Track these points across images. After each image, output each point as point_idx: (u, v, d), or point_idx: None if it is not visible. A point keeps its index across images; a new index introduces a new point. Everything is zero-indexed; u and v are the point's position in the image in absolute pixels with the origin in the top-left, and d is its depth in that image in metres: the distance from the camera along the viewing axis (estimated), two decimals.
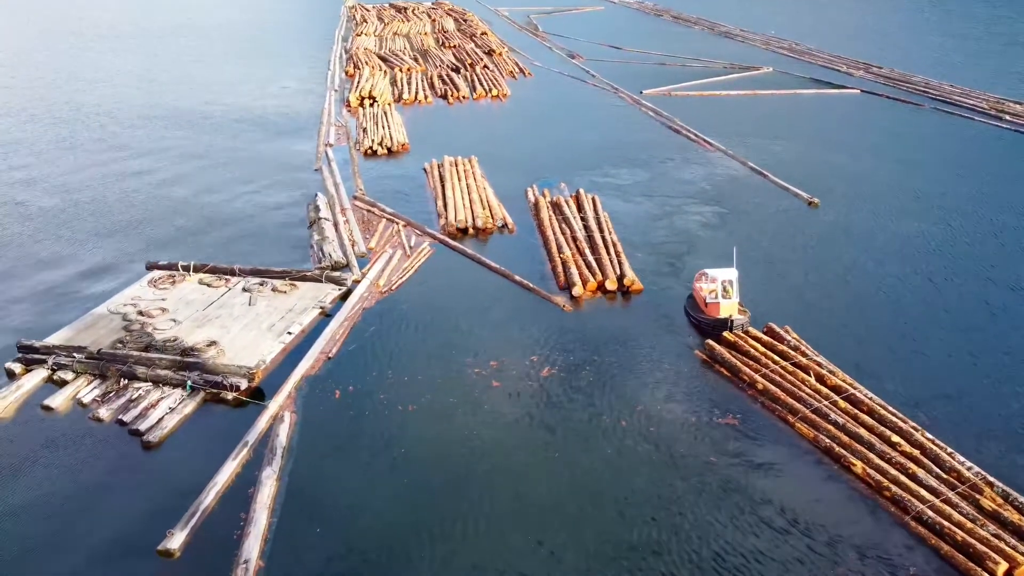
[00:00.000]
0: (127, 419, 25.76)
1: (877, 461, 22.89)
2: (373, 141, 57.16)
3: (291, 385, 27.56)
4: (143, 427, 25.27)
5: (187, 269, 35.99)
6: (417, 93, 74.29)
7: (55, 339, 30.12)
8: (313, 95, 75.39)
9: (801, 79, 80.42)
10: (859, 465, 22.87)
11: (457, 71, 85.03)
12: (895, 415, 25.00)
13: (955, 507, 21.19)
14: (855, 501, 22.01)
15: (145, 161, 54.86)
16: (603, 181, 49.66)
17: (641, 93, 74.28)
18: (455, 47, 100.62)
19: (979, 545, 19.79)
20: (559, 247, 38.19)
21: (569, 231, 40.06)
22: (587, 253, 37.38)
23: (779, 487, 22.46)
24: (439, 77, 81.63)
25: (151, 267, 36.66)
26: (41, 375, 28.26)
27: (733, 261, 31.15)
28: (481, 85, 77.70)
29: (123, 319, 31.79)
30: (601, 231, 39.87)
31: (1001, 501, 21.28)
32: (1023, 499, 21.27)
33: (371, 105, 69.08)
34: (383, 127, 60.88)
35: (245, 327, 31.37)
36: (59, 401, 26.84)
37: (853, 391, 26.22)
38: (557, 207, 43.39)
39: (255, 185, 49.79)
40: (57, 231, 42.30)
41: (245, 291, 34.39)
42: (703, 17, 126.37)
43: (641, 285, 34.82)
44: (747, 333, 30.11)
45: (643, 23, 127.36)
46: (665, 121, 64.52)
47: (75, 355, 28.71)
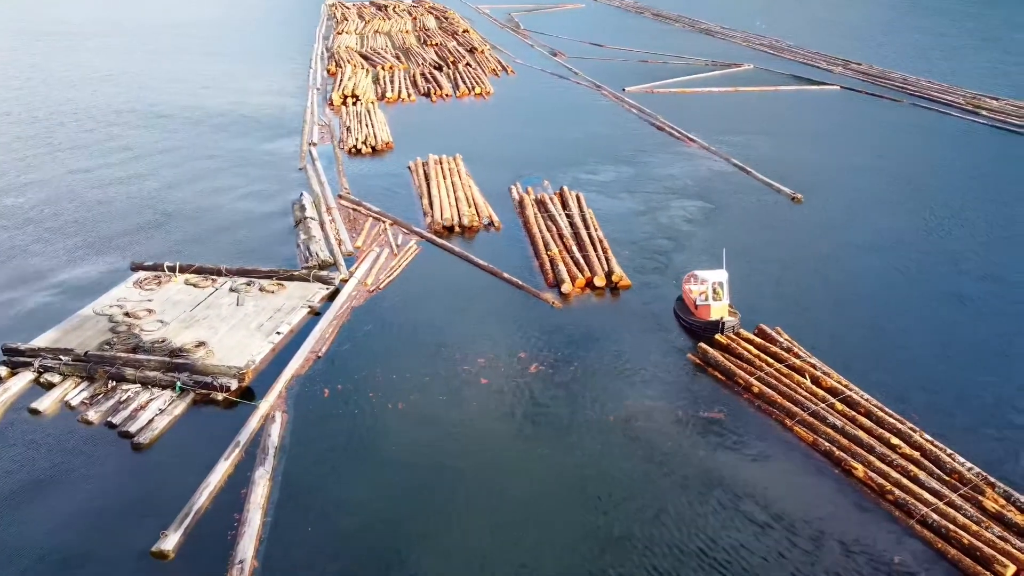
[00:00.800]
0: (116, 421, 25.60)
1: (878, 464, 22.73)
2: (357, 140, 57.03)
3: (281, 385, 27.51)
4: (133, 429, 25.13)
5: (173, 269, 35.77)
6: (400, 91, 74.16)
7: (41, 341, 29.85)
8: (295, 94, 75.04)
9: (781, 76, 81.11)
10: (860, 469, 22.63)
11: (440, 69, 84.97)
12: (892, 416, 24.85)
13: (959, 509, 21.06)
14: (858, 505, 21.80)
15: (125, 161, 54.34)
16: (587, 178, 49.88)
17: (623, 90, 74.61)
18: (437, 45, 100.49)
19: (986, 548, 19.68)
20: (546, 244, 38.33)
21: (555, 228, 40.22)
22: (574, 250, 37.57)
23: (781, 492, 22.23)
24: (422, 75, 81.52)
25: (136, 268, 36.40)
26: (27, 378, 28.00)
27: (723, 262, 31.14)
28: (464, 83, 77.70)
29: (109, 320, 31.57)
30: (587, 228, 40.07)
31: (1003, 502, 21.18)
32: None
33: (354, 103, 68.89)
34: (367, 125, 60.74)
35: (233, 327, 31.26)
36: (47, 404, 26.61)
37: (849, 393, 26.05)
38: (542, 204, 43.53)
39: (239, 184, 49.53)
40: (38, 233, 41.86)
41: (232, 291, 34.24)
42: (683, 15, 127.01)
43: (629, 281, 35.06)
44: (738, 335, 29.94)
45: (624, 21, 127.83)
46: (648, 118, 64.87)
47: (62, 357, 28.48)
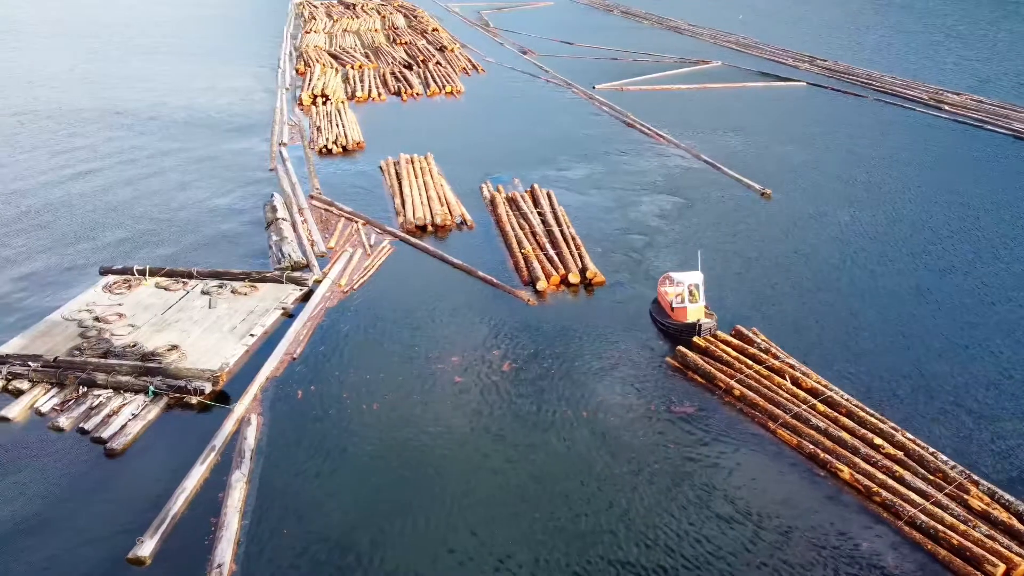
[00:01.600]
0: (88, 427, 25.27)
1: (863, 465, 22.72)
2: (328, 139, 56.72)
3: (256, 387, 27.35)
4: (106, 434, 24.83)
5: (143, 273, 35.35)
6: (370, 90, 73.84)
7: (8, 348, 29.35)
8: (264, 93, 74.40)
9: (749, 72, 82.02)
10: (846, 471, 22.56)
11: (410, 68, 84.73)
12: (874, 416, 24.89)
13: (946, 509, 21.13)
14: (846, 507, 21.79)
15: (91, 164, 53.49)
16: (558, 175, 50.11)
17: (594, 88, 74.97)
18: (407, 44, 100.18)
19: (975, 548, 19.73)
20: (519, 242, 38.47)
21: (528, 226, 40.37)
22: (548, 247, 37.76)
23: (769, 496, 22.16)
24: (392, 74, 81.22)
25: (105, 272, 35.93)
26: None
27: (698, 264, 30.93)
28: (434, 81, 77.56)
29: (79, 326, 31.13)
30: (559, 225, 40.27)
31: (988, 500, 21.32)
32: (1009, 497, 21.39)
33: (324, 103, 68.46)
34: (337, 125, 60.43)
35: (206, 330, 30.99)
36: (16, 411, 26.18)
37: (830, 393, 26.02)
38: (513, 202, 43.66)
39: (208, 186, 49.04)
40: (2, 238, 41.09)
41: (204, 294, 33.93)
42: (652, 12, 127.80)
43: (603, 278, 35.31)
44: (715, 337, 29.79)
45: (594, 18, 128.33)
46: (618, 115, 65.27)
47: (30, 364, 28.04)
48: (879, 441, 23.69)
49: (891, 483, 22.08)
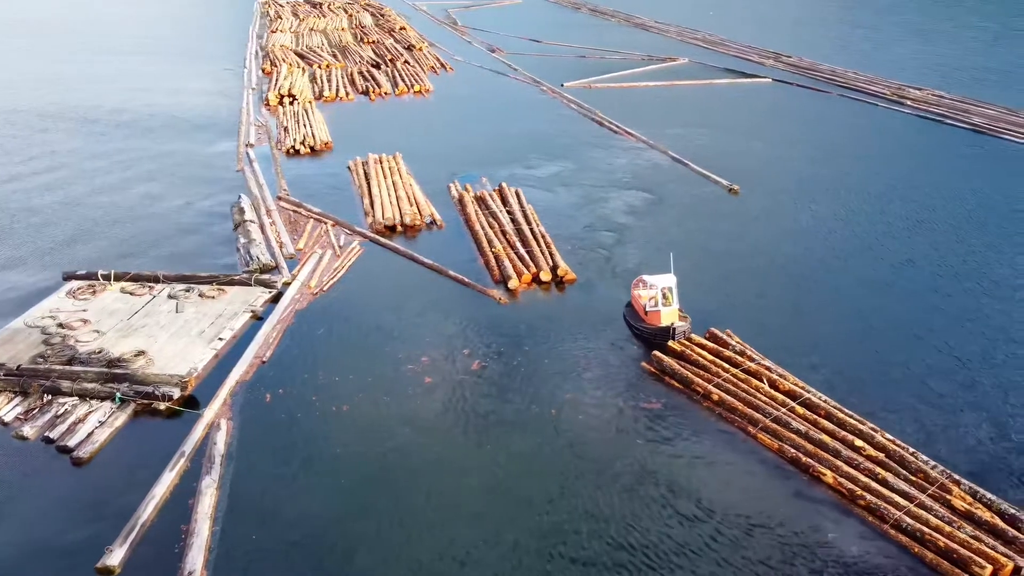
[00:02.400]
0: (54, 436, 24.88)
1: (846, 469, 22.57)
2: (295, 140, 56.26)
3: (226, 392, 27.10)
4: (72, 443, 24.45)
5: (107, 278, 34.83)
6: (338, 90, 73.35)
7: None
8: (230, 94, 73.54)
9: (715, 69, 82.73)
10: (829, 475, 22.44)
11: (378, 67, 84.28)
12: (852, 417, 24.81)
13: (930, 511, 21.13)
14: (831, 512, 21.64)
15: (52, 166, 52.59)
16: (527, 174, 50.19)
17: (562, 86, 75.15)
18: (374, 43, 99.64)
19: (962, 549, 19.76)
20: (489, 241, 38.49)
21: (497, 225, 40.39)
22: (518, 246, 37.82)
23: (752, 502, 21.94)
24: (359, 73, 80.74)
25: (68, 277, 35.34)
26: None
27: (671, 266, 30.54)
28: (403, 80, 77.23)
29: (42, 332, 30.60)
30: (528, 223, 40.35)
31: (971, 500, 21.40)
32: (991, 496, 21.48)
33: (291, 103, 67.89)
34: (304, 125, 59.96)
35: (174, 335, 30.62)
36: None
37: (808, 395, 25.93)
38: (482, 201, 43.66)
39: (174, 188, 48.38)
40: None
41: (171, 298, 33.53)
42: (619, 10, 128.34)
43: (574, 275, 35.46)
44: (690, 340, 29.54)
45: (562, 16, 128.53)
46: (586, 113, 65.50)
47: None
48: (860, 443, 23.58)
49: (875, 486, 21.94)
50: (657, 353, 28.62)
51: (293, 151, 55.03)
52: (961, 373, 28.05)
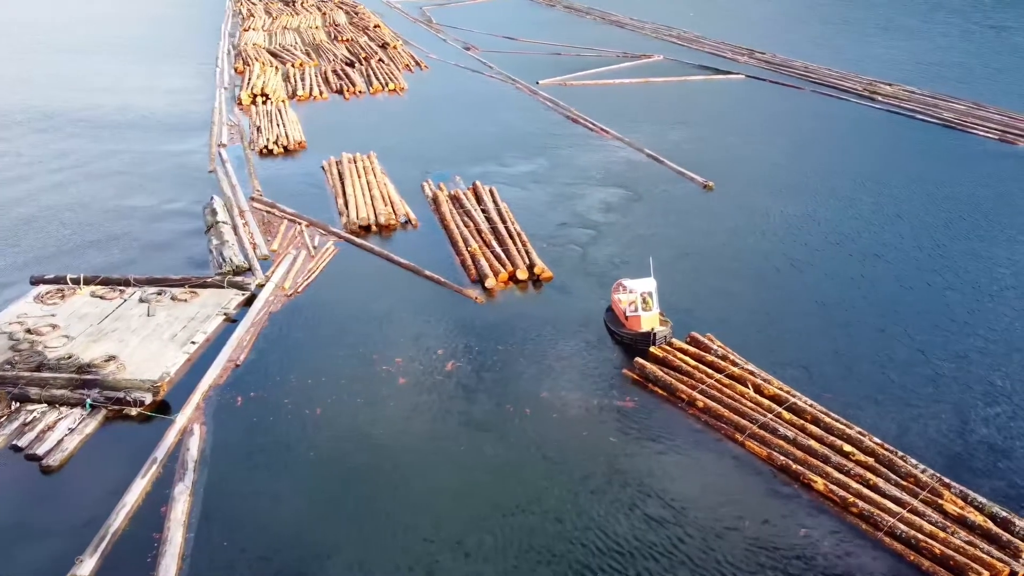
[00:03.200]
0: (22, 444, 24.40)
1: (837, 475, 22.26)
2: (268, 140, 55.71)
3: (198, 396, 26.75)
4: (41, 451, 24.02)
5: (76, 282, 34.26)
6: (312, 89, 72.75)
7: None
8: (202, 93, 72.70)
9: (689, 66, 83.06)
10: (820, 482, 22.08)
11: (352, 65, 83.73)
12: (839, 421, 24.54)
13: (923, 516, 20.89)
14: (824, 520, 21.29)
15: (17, 168, 51.72)
16: (503, 172, 50.09)
17: (537, 83, 75.09)
18: (348, 41, 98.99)
19: (958, 556, 19.54)
20: (465, 240, 38.33)
21: (472, 224, 40.24)
22: (494, 244, 37.71)
23: (744, 511, 21.55)
24: (333, 72, 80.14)
25: (36, 282, 34.72)
26: None
27: (650, 270, 30.05)
28: (377, 79, 76.78)
29: (9, 338, 30.03)
30: (504, 222, 40.24)
31: (962, 503, 21.19)
32: (982, 499, 21.33)
33: (264, 102, 67.22)
34: (278, 125, 59.40)
35: (145, 339, 30.19)
36: None
37: (794, 400, 25.57)
38: (456, 200, 43.49)
39: (145, 190, 47.74)
40: None
41: (142, 301, 33.05)
42: (594, 7, 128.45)
43: (551, 273, 35.41)
44: (671, 345, 29.05)
45: (537, 14, 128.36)
46: (562, 110, 65.49)
47: None
48: (849, 448, 23.28)
49: (866, 492, 21.66)
50: (639, 360, 28.01)
51: (266, 151, 54.49)
52: (926, 367, 28.26)
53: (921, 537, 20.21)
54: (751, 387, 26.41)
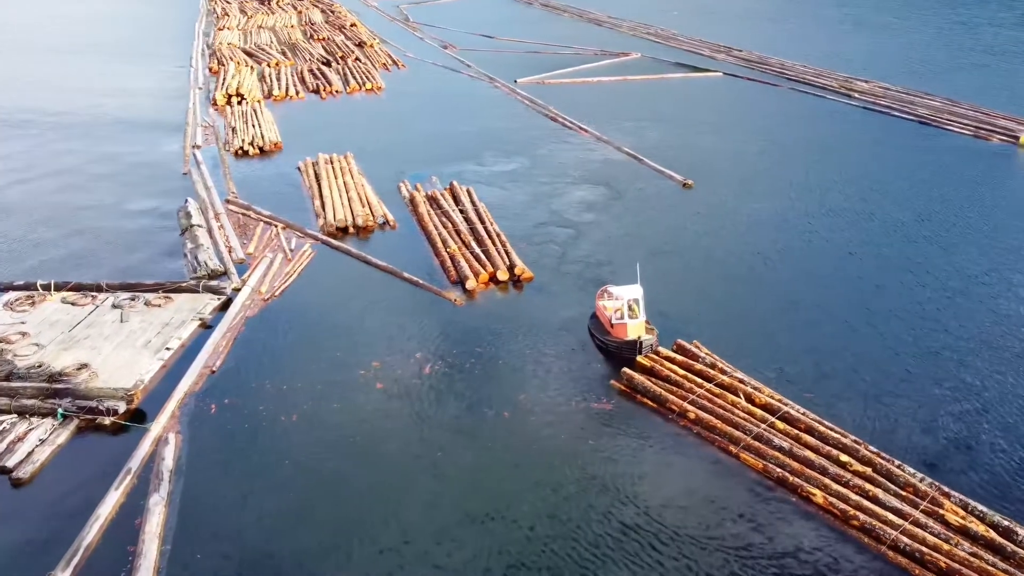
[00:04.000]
0: None
1: (835, 487, 21.81)
2: (243, 141, 55.01)
3: (174, 404, 26.25)
4: (11, 463, 23.41)
5: (47, 288, 33.58)
6: (288, 89, 72.01)
7: None
8: (176, 94, 71.71)
9: (667, 64, 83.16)
10: (819, 494, 21.60)
11: (328, 64, 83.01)
12: (833, 430, 24.12)
13: (925, 527, 20.50)
14: (825, 535, 20.77)
15: None
16: (481, 171, 49.83)
17: (515, 82, 74.83)
18: (324, 40, 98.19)
19: (964, 569, 19.15)
20: (444, 241, 38.00)
21: (451, 224, 39.92)
22: (473, 245, 37.42)
23: (743, 526, 21.06)
24: (310, 71, 79.40)
25: (5, 288, 34.01)
26: None
27: (637, 277, 29.31)
28: (354, 78, 76.18)
29: None
30: (482, 222, 39.96)
31: (963, 513, 20.88)
32: (982, 508, 21.04)
33: (239, 103, 66.40)
34: (253, 125, 58.69)
35: (118, 346, 29.61)
36: None
37: (786, 408, 25.03)
38: (434, 201, 43.15)
39: (117, 193, 46.94)
40: None
41: (115, 307, 32.43)
42: (571, 5, 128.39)
43: (532, 274, 35.18)
44: (658, 353, 28.36)
45: (515, 12, 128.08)
46: (540, 109, 65.28)
47: None
48: (845, 458, 22.82)
49: (866, 504, 21.22)
50: (627, 370, 27.25)
51: (242, 152, 53.81)
52: (895, 364, 28.29)
53: (925, 550, 19.78)
54: (742, 396, 25.79)
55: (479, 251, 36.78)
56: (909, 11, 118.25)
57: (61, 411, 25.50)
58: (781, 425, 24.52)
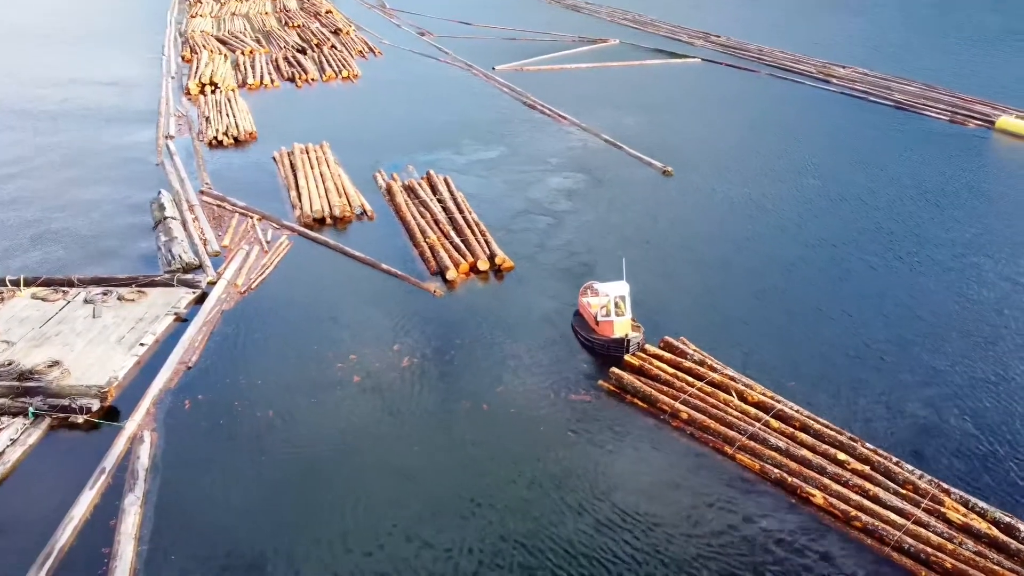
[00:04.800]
0: None
1: (835, 487, 21.43)
2: (217, 130, 54.12)
3: (148, 401, 25.73)
4: None
5: (16, 283, 32.83)
6: (262, 77, 70.96)
7: None
8: (148, 83, 70.44)
9: (646, 50, 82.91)
10: (819, 495, 21.19)
11: (303, 52, 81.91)
12: (829, 427, 23.74)
13: (928, 527, 20.18)
14: (826, 537, 20.34)
15: None
16: (459, 160, 49.41)
17: (493, 69, 74.26)
18: (299, 27, 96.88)
19: (970, 570, 18.86)
20: (423, 231, 37.60)
21: (429, 214, 39.50)
22: (452, 235, 37.05)
23: (741, 531, 20.49)
24: (285, 59, 78.31)
25: None
26: None
27: (623, 272, 28.76)
28: (330, 66, 75.24)
29: None
30: (461, 212, 39.58)
31: (964, 510, 20.62)
32: (982, 504, 20.83)
33: (213, 92, 65.33)
34: (228, 115, 57.75)
35: (91, 342, 29.01)
36: None
37: (780, 406, 24.62)
38: (411, 190, 42.69)
39: (88, 185, 45.99)
40: None
41: (87, 303, 31.77)
42: None
43: (512, 263, 34.89)
44: (645, 351, 27.79)
45: None
46: (518, 96, 64.82)
47: None
48: (843, 456, 22.48)
49: (867, 504, 20.88)
50: (616, 370, 26.52)
51: (216, 142, 52.93)
52: (871, 357, 28.25)
53: (930, 551, 19.42)
54: (735, 394, 25.29)
55: (458, 241, 36.43)
56: None
57: (32, 410, 24.92)
58: (776, 424, 23.96)
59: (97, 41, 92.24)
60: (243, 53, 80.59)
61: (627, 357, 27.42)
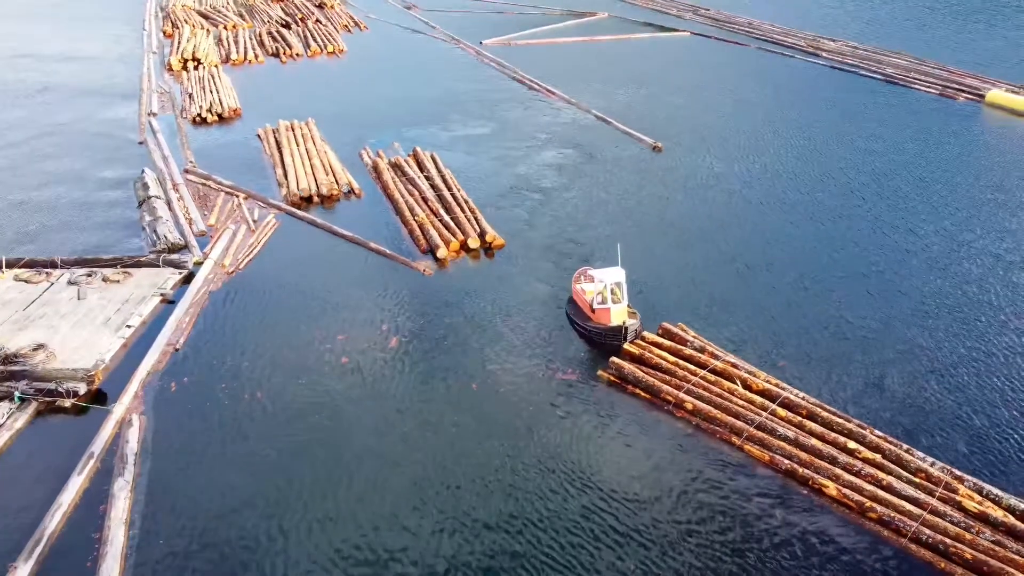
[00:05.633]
0: None
1: (848, 477, 20.87)
2: (201, 107, 53.26)
3: (136, 384, 25.45)
4: None
5: None
6: (246, 52, 69.81)
7: None
8: (129, 59, 69.18)
9: (635, 24, 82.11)
10: (831, 486, 20.65)
11: (288, 27, 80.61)
12: (837, 415, 23.27)
13: (945, 517, 19.68)
14: (841, 529, 19.85)
15: None
16: (447, 135, 48.89)
17: (481, 44, 73.38)
18: (283, 1, 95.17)
19: (991, 560, 18.35)
20: (411, 209, 37.21)
21: (417, 192, 39.08)
22: (442, 213, 36.69)
23: (755, 525, 20.06)
24: (269, 34, 77.05)
25: None
26: None
27: (618, 259, 27.83)
28: (315, 41, 74.09)
29: None
30: (449, 189, 39.18)
31: (979, 498, 20.17)
32: (996, 491, 20.40)
33: (196, 68, 64.20)
34: (211, 91, 56.81)
35: (76, 324, 28.60)
36: None
37: (785, 394, 24.06)
38: (398, 168, 42.20)
39: (69, 164, 45.22)
40: None
41: (71, 284, 31.29)
42: None
43: (503, 240, 34.61)
44: (643, 339, 27.01)
45: None
46: (507, 71, 64.12)
47: None
48: (853, 445, 21.94)
49: (881, 494, 20.35)
50: (616, 360, 25.75)
51: (199, 119, 52.10)
52: (853, 330, 28.28)
53: (948, 541, 18.97)
54: (739, 383, 24.67)
55: (448, 219, 36.08)
56: None
57: (18, 394, 24.60)
58: (782, 412, 23.44)
59: (76, 16, 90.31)
60: (226, 28, 79.24)
61: (626, 345, 26.71)
